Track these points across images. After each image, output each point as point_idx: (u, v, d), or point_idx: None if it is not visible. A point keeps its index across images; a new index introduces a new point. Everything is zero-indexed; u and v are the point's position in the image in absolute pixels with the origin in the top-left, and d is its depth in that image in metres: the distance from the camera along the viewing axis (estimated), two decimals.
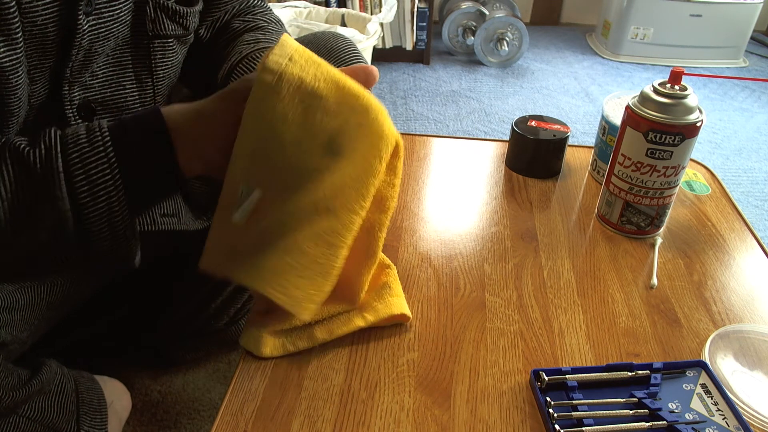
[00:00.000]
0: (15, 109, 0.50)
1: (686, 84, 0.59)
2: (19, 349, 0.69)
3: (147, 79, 0.62)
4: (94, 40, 0.53)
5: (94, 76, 0.57)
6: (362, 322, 0.53)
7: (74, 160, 0.46)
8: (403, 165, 0.62)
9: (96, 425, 0.76)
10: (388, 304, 0.54)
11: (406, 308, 0.55)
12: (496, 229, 0.68)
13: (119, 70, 0.59)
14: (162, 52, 0.62)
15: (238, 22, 0.72)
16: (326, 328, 0.53)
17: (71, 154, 0.46)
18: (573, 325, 0.55)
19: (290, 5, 2.07)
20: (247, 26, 0.72)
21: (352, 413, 0.47)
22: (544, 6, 2.95)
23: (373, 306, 0.54)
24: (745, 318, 0.57)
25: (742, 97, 2.26)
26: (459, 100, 2.14)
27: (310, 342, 0.52)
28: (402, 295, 0.56)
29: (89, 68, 0.55)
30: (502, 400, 0.48)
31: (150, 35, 0.60)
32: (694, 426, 0.46)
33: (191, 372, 0.99)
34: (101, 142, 0.47)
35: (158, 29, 0.60)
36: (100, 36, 0.54)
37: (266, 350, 0.51)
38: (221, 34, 0.72)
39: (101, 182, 0.46)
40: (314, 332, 0.52)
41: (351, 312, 0.54)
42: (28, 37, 0.48)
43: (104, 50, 0.56)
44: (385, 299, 0.54)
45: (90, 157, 0.46)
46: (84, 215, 0.46)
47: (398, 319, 0.55)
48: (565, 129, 0.77)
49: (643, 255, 0.65)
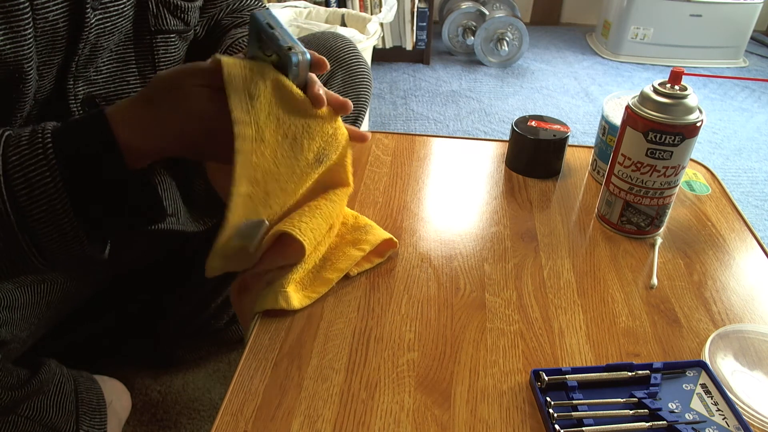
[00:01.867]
0: (23, 104, 0.50)
1: (686, 84, 0.59)
2: (19, 348, 0.69)
3: (150, 74, 0.62)
4: (100, 35, 0.54)
5: (98, 72, 0.57)
6: (360, 252, 0.59)
7: (13, 162, 0.45)
8: (403, 165, 0.78)
9: (95, 425, 0.76)
10: (375, 234, 0.61)
11: (389, 235, 0.62)
12: (496, 229, 0.68)
13: (122, 66, 0.60)
14: (164, 47, 0.63)
15: (227, 20, 0.73)
16: (333, 267, 0.58)
17: (11, 156, 0.45)
18: (573, 325, 0.55)
19: (290, 5, 2.07)
20: (234, 22, 0.73)
21: (352, 413, 0.47)
22: (544, 6, 2.95)
23: (364, 239, 0.61)
24: (745, 318, 0.57)
25: (742, 97, 2.26)
26: (459, 100, 2.14)
27: (326, 285, 0.57)
28: (382, 229, 0.63)
29: (94, 63, 0.56)
30: (502, 400, 0.48)
31: (152, 30, 0.60)
32: (694, 426, 0.46)
33: (191, 372, 0.99)
34: (41, 144, 0.45)
35: (160, 24, 0.61)
36: (105, 30, 0.54)
37: (295, 303, 0.55)
38: (213, 31, 0.73)
39: (41, 185, 0.45)
40: (325, 275, 0.58)
41: (346, 248, 0.60)
42: (40, 34, 0.49)
43: (109, 45, 0.56)
44: (372, 232, 0.62)
45: (29, 160, 0.45)
46: (27, 217, 0.45)
47: (389, 246, 0.62)
48: (565, 129, 0.77)
49: (643, 255, 0.65)
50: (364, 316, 0.55)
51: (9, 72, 0.47)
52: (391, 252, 0.63)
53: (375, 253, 0.62)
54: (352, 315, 0.55)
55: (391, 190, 0.74)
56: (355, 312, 0.56)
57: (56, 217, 0.45)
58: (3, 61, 0.46)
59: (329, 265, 0.59)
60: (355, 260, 0.59)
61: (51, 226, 0.46)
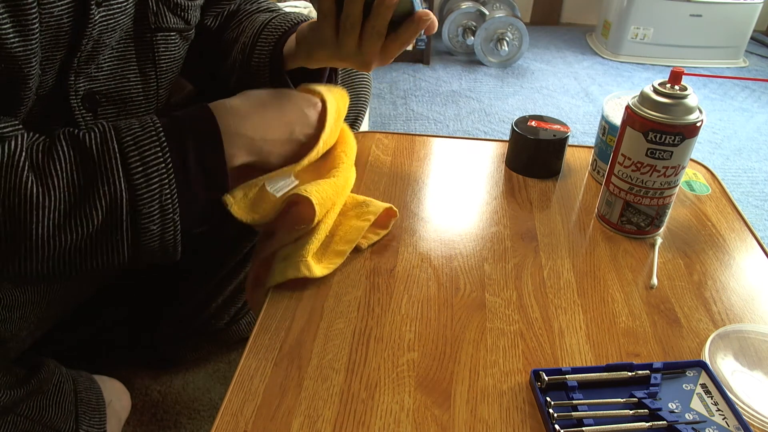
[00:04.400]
0: (26, 99, 0.51)
1: (686, 84, 0.59)
2: (19, 347, 0.69)
3: (150, 72, 0.63)
4: (103, 31, 0.54)
5: (99, 68, 0.57)
6: (365, 223, 0.63)
7: (128, 142, 0.49)
8: (403, 165, 0.80)
9: (95, 425, 0.76)
10: (375, 205, 0.66)
11: (388, 204, 0.66)
12: (496, 229, 0.68)
13: (123, 63, 0.60)
14: (165, 45, 0.63)
15: (250, 5, 0.75)
16: (344, 239, 0.62)
17: (125, 137, 0.49)
18: (573, 325, 0.55)
19: (290, 5, 2.07)
20: (260, 7, 0.74)
21: (352, 413, 0.47)
22: (544, 6, 2.95)
23: (366, 210, 0.65)
24: (745, 318, 0.57)
25: (742, 97, 2.27)
26: (459, 100, 2.14)
27: (341, 257, 0.61)
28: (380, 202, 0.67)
29: (95, 60, 0.56)
30: (502, 400, 0.48)
31: (153, 28, 0.60)
32: (694, 426, 0.46)
33: (191, 372, 0.99)
34: (153, 128, 0.50)
35: (160, 22, 0.61)
36: (108, 27, 0.55)
37: (317, 271, 0.58)
38: (231, 18, 0.74)
39: (154, 164, 0.49)
40: (337, 248, 0.62)
41: (352, 221, 0.64)
42: (45, 29, 0.49)
43: (110, 42, 0.56)
44: (372, 204, 0.66)
45: (143, 140, 0.50)
46: (137, 197, 0.49)
47: (390, 216, 0.67)
48: (565, 129, 0.77)
49: (643, 255, 0.65)
50: (364, 316, 0.55)
51: (17, 67, 0.48)
52: (393, 221, 0.67)
53: (379, 225, 0.66)
54: (352, 315, 0.55)
55: (391, 190, 0.74)
56: (355, 312, 0.56)
57: (162, 197, 0.50)
58: (12, 57, 0.47)
59: (339, 238, 0.63)
60: (362, 231, 0.63)
61: (156, 207, 0.50)
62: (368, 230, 0.64)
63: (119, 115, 0.62)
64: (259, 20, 0.69)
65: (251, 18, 0.71)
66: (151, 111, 0.66)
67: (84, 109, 0.57)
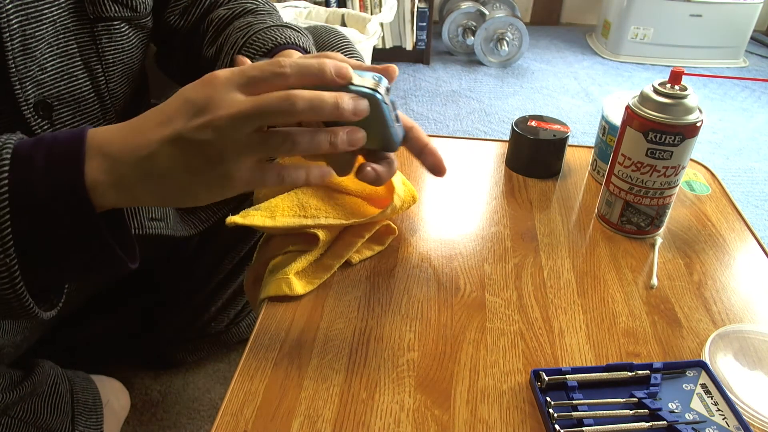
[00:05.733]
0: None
1: (686, 84, 0.59)
2: (14, 352, 0.68)
3: (96, 66, 0.59)
4: (23, 23, 0.51)
5: (43, 70, 0.54)
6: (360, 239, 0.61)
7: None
8: (403, 165, 0.79)
9: (91, 425, 0.76)
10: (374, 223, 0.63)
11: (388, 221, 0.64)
12: (496, 229, 0.68)
13: (67, 60, 0.56)
14: (108, 36, 0.59)
15: (224, 10, 0.69)
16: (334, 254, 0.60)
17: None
18: (573, 325, 0.55)
19: (290, 5, 2.07)
20: (234, 12, 0.68)
21: (352, 413, 0.47)
22: (544, 6, 2.95)
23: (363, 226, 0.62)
24: (745, 318, 0.57)
25: (742, 97, 2.27)
26: (459, 100, 2.14)
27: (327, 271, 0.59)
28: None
29: (33, 58, 0.53)
30: (502, 400, 0.48)
31: (92, 18, 0.57)
32: (694, 426, 0.46)
33: (191, 372, 0.99)
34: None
35: (99, 11, 0.57)
36: (29, 17, 0.51)
37: (298, 289, 0.57)
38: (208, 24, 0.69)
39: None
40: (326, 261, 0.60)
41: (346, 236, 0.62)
42: None
43: (43, 35, 0.53)
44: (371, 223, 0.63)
45: None
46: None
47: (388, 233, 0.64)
48: (565, 129, 0.77)
49: (643, 255, 0.65)
50: (364, 316, 0.55)
51: None
52: (391, 239, 0.64)
53: (375, 241, 0.63)
54: (352, 315, 0.55)
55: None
56: (355, 312, 0.56)
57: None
58: None
59: (330, 251, 0.61)
60: (355, 247, 0.60)
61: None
62: (363, 245, 0.62)
63: (74, 118, 0.59)
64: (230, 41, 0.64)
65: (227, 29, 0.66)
66: (107, 110, 0.62)
67: (39, 118, 0.54)
